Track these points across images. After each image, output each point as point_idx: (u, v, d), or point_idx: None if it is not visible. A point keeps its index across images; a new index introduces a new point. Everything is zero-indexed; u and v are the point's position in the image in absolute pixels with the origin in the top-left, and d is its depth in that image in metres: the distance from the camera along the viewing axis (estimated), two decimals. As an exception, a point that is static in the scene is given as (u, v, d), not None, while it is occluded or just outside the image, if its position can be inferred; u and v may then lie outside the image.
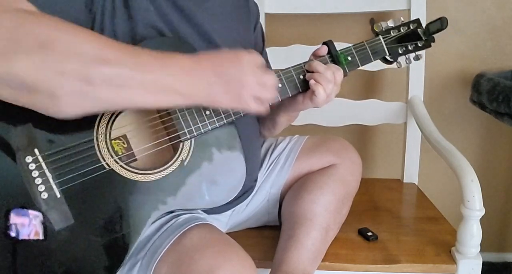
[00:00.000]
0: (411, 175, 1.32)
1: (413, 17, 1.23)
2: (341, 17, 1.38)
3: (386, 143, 1.51)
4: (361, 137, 1.52)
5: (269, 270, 0.86)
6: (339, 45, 0.85)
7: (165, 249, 0.72)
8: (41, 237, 0.64)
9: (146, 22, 0.73)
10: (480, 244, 0.91)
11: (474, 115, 1.44)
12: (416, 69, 1.27)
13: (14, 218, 0.63)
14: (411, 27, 0.88)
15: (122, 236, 0.68)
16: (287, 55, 1.26)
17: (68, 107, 0.57)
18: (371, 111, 1.31)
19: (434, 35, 0.88)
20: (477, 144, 1.50)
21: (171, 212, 0.78)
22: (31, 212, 0.64)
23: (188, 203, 0.74)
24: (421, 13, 1.24)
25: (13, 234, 0.63)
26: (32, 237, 0.64)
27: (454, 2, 1.37)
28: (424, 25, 0.88)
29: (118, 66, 0.57)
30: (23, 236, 0.63)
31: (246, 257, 0.72)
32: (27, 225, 0.63)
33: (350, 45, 0.85)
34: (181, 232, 0.73)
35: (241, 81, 0.66)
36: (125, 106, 0.62)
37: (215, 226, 0.79)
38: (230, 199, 0.78)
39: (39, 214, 0.64)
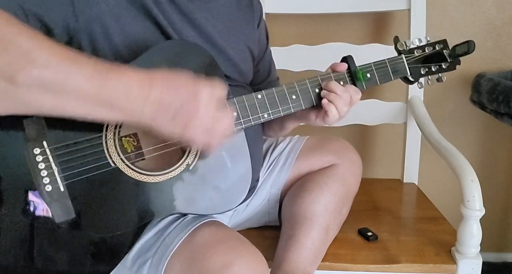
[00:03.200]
0: (411, 175, 1.32)
1: (413, 17, 1.24)
2: (341, 17, 1.38)
3: (386, 143, 1.51)
4: (361, 137, 1.52)
5: (270, 269, 0.86)
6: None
7: (176, 246, 0.72)
8: (50, 215, 0.66)
9: (150, 23, 0.73)
10: (480, 244, 0.91)
11: (474, 115, 1.44)
12: (416, 69, 1.28)
13: (31, 196, 0.64)
14: (437, 48, 0.86)
15: (122, 235, 0.68)
16: (287, 55, 1.26)
17: None
18: (371, 111, 1.31)
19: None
20: (477, 144, 1.50)
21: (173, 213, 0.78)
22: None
23: (189, 207, 0.74)
24: (421, 13, 1.24)
25: (31, 209, 0.64)
26: (45, 213, 0.65)
27: (454, 2, 1.37)
28: (450, 47, 0.86)
29: (47, 71, 0.53)
30: (39, 212, 0.64)
31: (257, 253, 0.72)
32: (40, 203, 0.65)
33: (371, 62, 0.83)
34: (192, 230, 0.74)
35: (192, 111, 0.60)
36: (54, 113, 0.57)
37: (223, 223, 0.80)
38: (234, 207, 0.78)
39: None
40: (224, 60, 0.83)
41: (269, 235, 0.98)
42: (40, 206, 0.65)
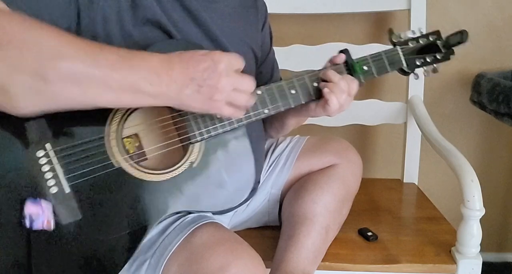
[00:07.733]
0: (411, 175, 1.32)
1: (413, 17, 1.24)
2: (341, 17, 1.38)
3: (386, 143, 1.51)
4: (361, 136, 1.52)
5: (269, 270, 0.86)
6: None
7: (175, 247, 0.72)
8: (52, 227, 0.64)
9: (153, 24, 0.73)
10: (480, 244, 0.91)
11: (474, 115, 1.44)
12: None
13: (29, 207, 0.63)
14: (430, 39, 0.86)
15: (128, 235, 0.68)
16: (287, 55, 1.26)
17: (24, 104, 0.56)
18: (371, 111, 1.31)
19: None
20: (477, 144, 1.50)
21: (178, 212, 0.78)
22: (43, 201, 0.64)
23: (194, 205, 0.74)
24: (421, 13, 1.24)
25: (27, 224, 0.63)
26: (45, 226, 0.64)
27: (454, 3, 1.37)
28: (444, 37, 0.87)
29: (75, 63, 0.55)
30: (37, 226, 0.64)
31: (256, 255, 0.72)
32: (40, 214, 0.64)
33: (367, 55, 0.84)
34: (190, 231, 0.74)
35: (214, 85, 0.62)
36: (86, 104, 0.59)
37: (222, 225, 0.80)
38: (237, 204, 0.78)
39: (50, 205, 0.64)
40: None
41: (269, 235, 0.98)
42: (44, 210, 0.64)
